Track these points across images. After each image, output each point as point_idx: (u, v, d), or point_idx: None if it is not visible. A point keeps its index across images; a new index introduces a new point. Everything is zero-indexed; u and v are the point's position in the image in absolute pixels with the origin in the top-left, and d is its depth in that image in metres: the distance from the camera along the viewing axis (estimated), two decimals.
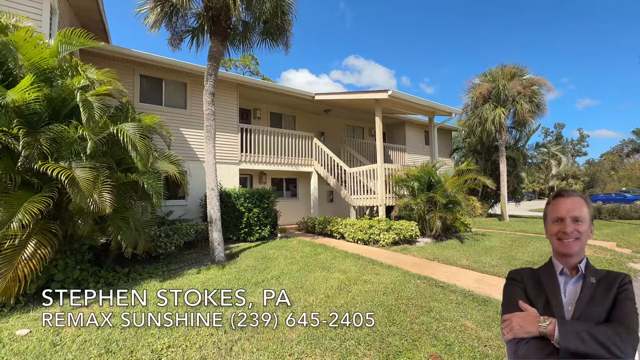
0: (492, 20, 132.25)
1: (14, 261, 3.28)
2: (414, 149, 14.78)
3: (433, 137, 10.04)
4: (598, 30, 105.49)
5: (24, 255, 3.27)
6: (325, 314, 3.30)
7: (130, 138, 3.74)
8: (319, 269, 5.06)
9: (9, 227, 3.12)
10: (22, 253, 3.32)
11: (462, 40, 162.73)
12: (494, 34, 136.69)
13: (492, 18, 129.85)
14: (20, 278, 3.24)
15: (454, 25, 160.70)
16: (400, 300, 3.71)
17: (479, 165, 15.33)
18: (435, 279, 4.56)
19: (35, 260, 3.31)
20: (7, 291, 3.27)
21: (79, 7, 6.89)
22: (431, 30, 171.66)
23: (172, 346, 2.65)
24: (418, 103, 8.79)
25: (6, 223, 3.14)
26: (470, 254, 6.13)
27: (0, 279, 3.18)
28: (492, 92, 12.77)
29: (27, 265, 3.27)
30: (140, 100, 8.13)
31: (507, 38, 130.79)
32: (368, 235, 7.31)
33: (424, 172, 7.95)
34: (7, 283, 3.21)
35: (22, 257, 3.29)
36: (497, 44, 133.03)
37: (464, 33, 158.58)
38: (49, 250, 3.41)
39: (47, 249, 3.40)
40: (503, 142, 13.00)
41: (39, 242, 3.41)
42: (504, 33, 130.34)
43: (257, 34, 7.29)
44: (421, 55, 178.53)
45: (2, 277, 3.19)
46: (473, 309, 3.49)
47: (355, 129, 14.72)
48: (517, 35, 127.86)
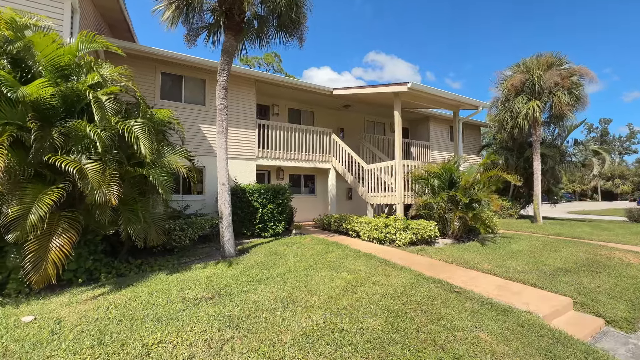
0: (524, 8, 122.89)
1: (47, 247, 3.40)
2: (439, 145, 14.11)
3: (457, 132, 9.46)
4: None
5: (55, 242, 3.39)
6: (325, 315, 3.13)
7: (135, 134, 3.78)
8: (327, 267, 4.88)
9: (27, 220, 3.23)
10: (52, 240, 3.44)
11: (491, 32, 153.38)
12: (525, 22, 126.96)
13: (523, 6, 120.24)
14: (56, 262, 3.36)
15: (482, 13, 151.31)
16: (409, 305, 3.45)
17: (510, 163, 14.37)
18: (451, 284, 4.23)
19: (67, 246, 3.42)
20: (45, 276, 3.38)
21: (102, 7, 7.16)
22: (456, 22, 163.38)
23: (164, 342, 2.60)
24: (440, 96, 8.29)
25: (25, 215, 3.26)
26: (494, 258, 5.67)
27: (37, 266, 3.30)
28: (525, 83, 11.82)
29: (60, 251, 3.38)
30: (161, 97, 8.35)
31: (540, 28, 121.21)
32: (384, 234, 7.02)
33: (445, 168, 7.49)
34: (46, 267, 3.32)
35: (53, 243, 3.41)
36: (530, 35, 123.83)
37: (493, 22, 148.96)
38: (74, 233, 3.52)
39: (71, 232, 3.51)
40: (537, 138, 12.02)
41: (64, 229, 3.53)
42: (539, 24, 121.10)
43: (272, 27, 7.21)
44: (446, 49, 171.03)
45: (41, 263, 3.31)
46: (490, 319, 3.16)
47: (376, 124, 14.30)
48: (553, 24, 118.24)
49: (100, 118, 3.48)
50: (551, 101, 11.57)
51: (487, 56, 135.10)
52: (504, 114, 12.59)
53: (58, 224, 3.44)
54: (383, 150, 12.25)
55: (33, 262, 3.26)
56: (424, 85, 7.59)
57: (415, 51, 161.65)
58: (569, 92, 11.20)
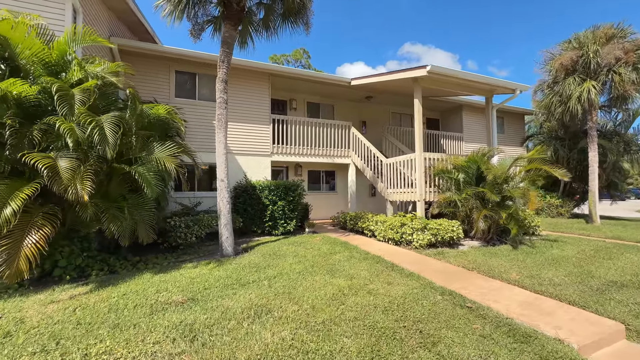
0: None
1: (21, 242, 3.38)
2: (474, 136, 12.80)
3: (491, 120, 8.35)
4: None
5: (31, 238, 3.36)
6: (297, 331, 2.69)
7: (102, 128, 3.63)
8: (324, 271, 4.42)
9: (0, 214, 3.22)
10: (27, 235, 3.41)
11: (541, 8, 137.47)
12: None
13: None
14: (29, 257, 3.34)
15: None
16: (402, 323, 2.88)
17: (561, 155, 12.60)
18: (464, 296, 3.54)
19: (42, 242, 3.39)
20: (18, 272, 3.37)
21: (115, 9, 7.34)
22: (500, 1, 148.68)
23: (107, 353, 2.36)
24: (467, 79, 7.31)
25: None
26: (527, 265, 4.78)
27: (10, 261, 3.31)
28: (578, 61, 10.17)
29: (34, 247, 3.36)
30: (176, 96, 8.44)
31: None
32: (399, 234, 6.36)
33: (471, 161, 6.58)
34: (18, 262, 3.30)
35: (28, 239, 3.37)
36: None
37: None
38: (51, 229, 3.47)
39: (48, 228, 3.47)
40: (594, 125, 10.31)
41: (40, 224, 3.49)
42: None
43: (277, 15, 6.86)
44: (488, 34, 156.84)
45: (12, 259, 3.31)
46: (502, 348, 2.49)
47: (402, 116, 13.38)
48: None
49: (66, 113, 3.38)
50: (611, 81, 9.84)
51: (538, 39, 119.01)
52: (551, 98, 11.02)
53: (34, 220, 3.41)
54: (407, 144, 11.37)
55: (6, 257, 3.24)
56: (446, 68, 6.72)
57: (454, 38, 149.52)
58: (634, 69, 9.41)
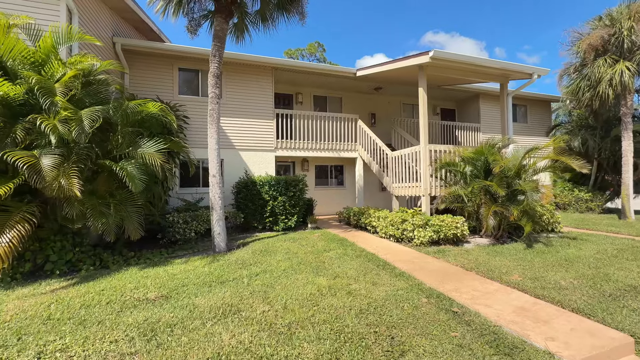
0: None
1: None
2: (491, 127, 12.03)
3: (506, 108, 7.73)
4: None
5: (3, 237, 3.45)
6: (258, 333, 2.56)
7: (81, 121, 3.65)
8: (309, 270, 4.26)
9: None
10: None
11: None
12: None
13: None
14: (2, 256, 3.44)
15: None
16: (374, 328, 2.66)
17: (591, 145, 11.58)
18: (453, 299, 3.25)
19: (15, 240, 3.49)
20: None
21: (116, 9, 7.45)
22: None
23: (62, 350, 2.34)
24: (477, 64, 6.77)
25: None
26: (534, 266, 4.35)
27: None
28: (609, 40, 9.19)
29: (7, 245, 3.47)
30: (179, 93, 8.52)
31: None
32: (400, 231, 6.05)
33: (479, 153, 6.11)
34: None
35: (1, 238, 3.45)
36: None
37: None
38: (27, 226, 3.55)
39: (23, 225, 3.54)
40: (628, 111, 9.32)
41: (16, 222, 3.52)
42: None
43: (273, 5, 6.69)
44: (518, 17, 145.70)
45: None
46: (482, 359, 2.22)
47: (414, 107, 12.82)
48: None
49: (48, 106, 3.42)
50: None
51: (574, 19, 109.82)
52: (578, 83, 10.10)
53: (11, 218, 3.49)
54: (416, 136, 10.87)
55: None
56: (451, 53, 6.24)
57: (480, 25, 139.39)
58: None
